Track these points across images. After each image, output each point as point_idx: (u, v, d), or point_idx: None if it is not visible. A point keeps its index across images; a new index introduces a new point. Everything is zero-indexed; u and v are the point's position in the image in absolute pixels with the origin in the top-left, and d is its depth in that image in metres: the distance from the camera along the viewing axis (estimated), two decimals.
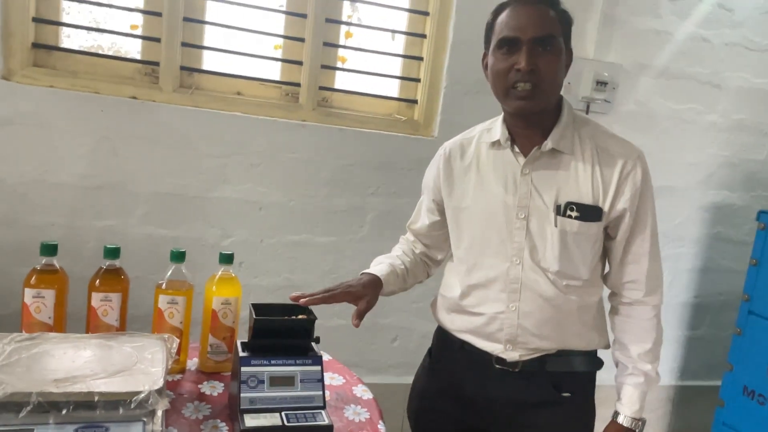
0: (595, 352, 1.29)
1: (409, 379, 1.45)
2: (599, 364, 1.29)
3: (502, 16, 1.17)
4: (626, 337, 1.26)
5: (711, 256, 2.54)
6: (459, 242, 1.29)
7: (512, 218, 1.20)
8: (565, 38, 1.18)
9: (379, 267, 1.31)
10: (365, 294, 1.20)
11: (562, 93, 1.24)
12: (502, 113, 1.26)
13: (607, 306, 1.33)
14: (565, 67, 1.19)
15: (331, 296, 1.17)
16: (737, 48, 2.37)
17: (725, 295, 2.58)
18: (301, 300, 1.14)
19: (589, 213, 1.17)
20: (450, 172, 1.30)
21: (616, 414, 1.24)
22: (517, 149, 1.22)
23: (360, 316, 1.17)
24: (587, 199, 1.17)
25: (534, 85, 1.13)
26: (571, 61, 1.21)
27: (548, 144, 1.18)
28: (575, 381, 1.26)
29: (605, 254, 1.27)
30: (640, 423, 1.23)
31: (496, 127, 1.26)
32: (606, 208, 1.18)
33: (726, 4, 2.32)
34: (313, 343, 1.15)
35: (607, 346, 1.30)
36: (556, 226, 1.17)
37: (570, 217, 1.17)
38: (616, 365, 1.28)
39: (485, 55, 1.24)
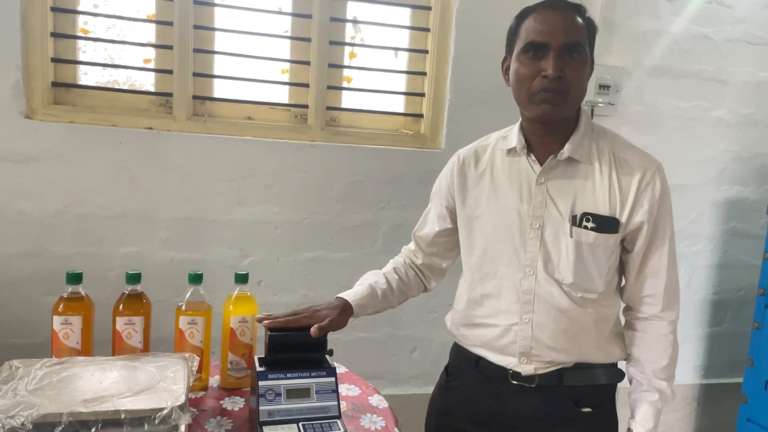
0: (615, 364, 1.27)
1: (430, 389, 1.47)
2: (620, 376, 1.27)
3: (530, 20, 1.14)
4: (642, 354, 1.23)
5: (727, 251, 2.53)
6: (471, 251, 1.27)
7: (526, 228, 1.18)
8: (590, 47, 1.17)
9: (357, 289, 1.31)
10: (329, 316, 1.20)
11: None
12: (519, 121, 1.24)
13: (622, 320, 1.31)
14: (588, 76, 1.17)
15: (294, 320, 1.17)
16: (740, 43, 2.38)
17: (745, 290, 2.56)
18: (264, 322, 1.16)
19: (605, 224, 1.15)
20: (464, 180, 1.28)
21: (629, 431, 1.22)
22: (533, 157, 1.20)
23: (321, 330, 1.16)
24: (604, 210, 1.15)
25: (560, 92, 1.11)
26: (592, 70, 1.19)
27: (565, 152, 1.16)
28: (595, 395, 1.24)
29: (621, 267, 1.24)
30: None
31: (512, 135, 1.24)
32: (623, 220, 1.15)
33: (725, 1, 2.33)
34: (326, 356, 1.19)
35: (626, 359, 1.27)
36: (571, 236, 1.15)
37: (586, 228, 1.14)
38: (630, 381, 1.26)
39: (506, 59, 1.22)
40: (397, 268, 1.40)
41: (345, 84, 2.12)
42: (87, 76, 1.94)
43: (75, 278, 1.23)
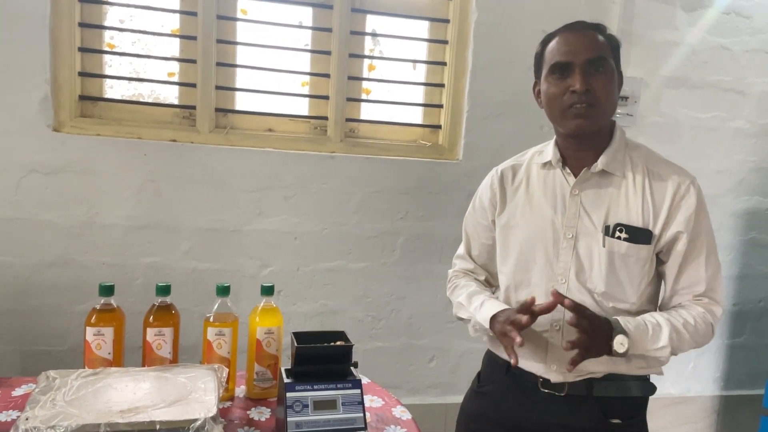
0: (648, 377, 1.27)
1: (448, 399, 1.48)
2: (652, 389, 1.27)
3: (552, 44, 1.21)
4: (677, 311, 1.21)
5: (747, 262, 2.52)
6: (505, 260, 1.31)
7: (560, 238, 1.22)
8: (615, 60, 1.21)
9: (495, 301, 1.28)
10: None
11: None
12: (555, 137, 1.29)
13: None
14: (618, 89, 1.21)
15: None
16: (759, 54, 2.38)
17: (765, 301, 2.55)
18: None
19: (638, 235, 1.17)
20: (503, 192, 1.33)
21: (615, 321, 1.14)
22: (567, 170, 1.25)
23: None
24: (637, 222, 1.18)
25: (590, 104, 1.15)
26: (622, 83, 1.24)
27: (598, 165, 1.20)
28: (625, 407, 1.24)
29: (659, 280, 1.26)
30: (622, 346, 1.11)
31: (548, 149, 1.29)
32: (656, 232, 1.18)
33: (743, 12, 2.34)
34: (351, 368, 1.21)
35: (660, 372, 1.27)
36: (603, 246, 1.18)
37: (619, 238, 1.17)
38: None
39: (536, 84, 1.28)
40: (477, 281, 1.40)
41: (364, 96, 2.15)
42: (113, 90, 1.98)
43: (107, 290, 1.26)
